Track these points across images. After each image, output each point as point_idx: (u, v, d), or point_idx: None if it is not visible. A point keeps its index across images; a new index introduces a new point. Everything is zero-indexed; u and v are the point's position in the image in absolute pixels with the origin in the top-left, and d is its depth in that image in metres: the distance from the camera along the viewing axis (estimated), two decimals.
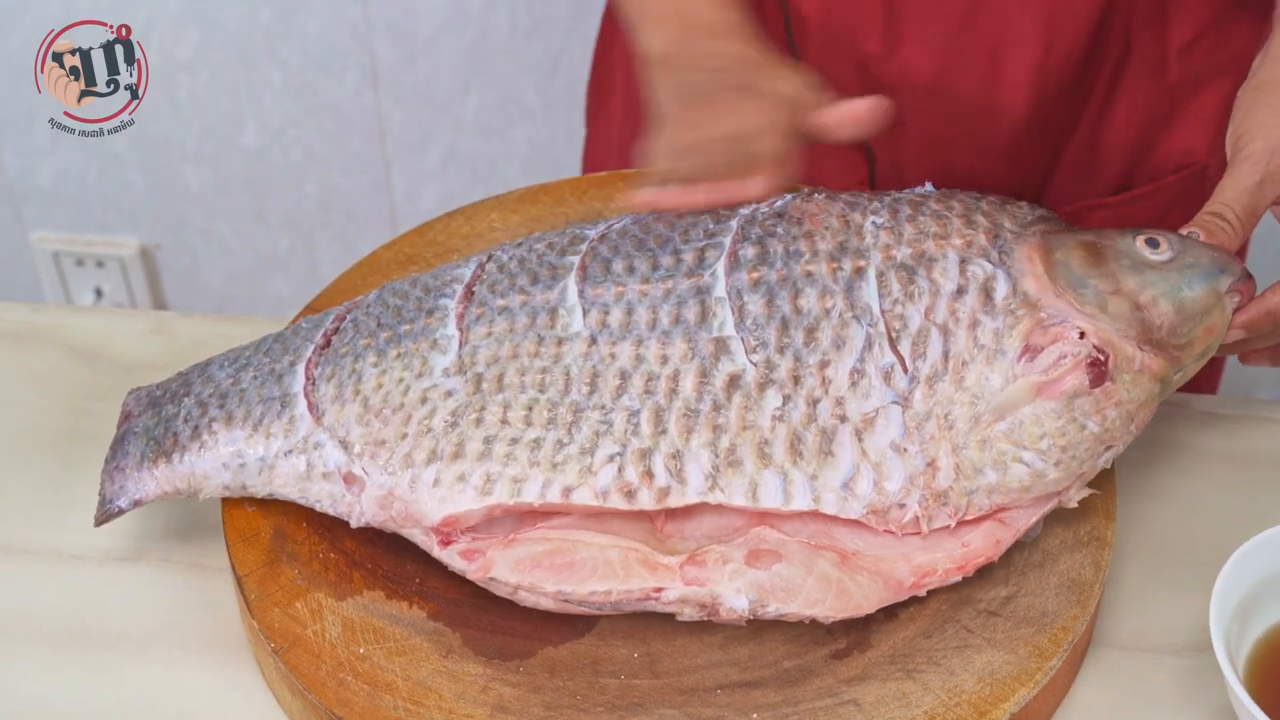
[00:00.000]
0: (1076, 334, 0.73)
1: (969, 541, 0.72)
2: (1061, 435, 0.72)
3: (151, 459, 0.77)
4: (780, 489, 0.72)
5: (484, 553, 0.73)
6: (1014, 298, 0.74)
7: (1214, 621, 0.69)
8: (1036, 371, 0.72)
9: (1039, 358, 0.73)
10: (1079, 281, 0.75)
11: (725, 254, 0.77)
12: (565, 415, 0.73)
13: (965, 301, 0.74)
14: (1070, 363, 0.72)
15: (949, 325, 0.74)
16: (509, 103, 1.59)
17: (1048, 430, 0.72)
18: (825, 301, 0.75)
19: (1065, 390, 0.72)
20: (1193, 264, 0.75)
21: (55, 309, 0.97)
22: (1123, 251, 0.76)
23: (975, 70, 0.92)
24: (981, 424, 0.72)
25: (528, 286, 0.78)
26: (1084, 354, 0.72)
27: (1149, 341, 0.74)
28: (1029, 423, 0.72)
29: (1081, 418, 0.72)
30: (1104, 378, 0.72)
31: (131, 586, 0.80)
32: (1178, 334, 0.74)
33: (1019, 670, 0.71)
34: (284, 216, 1.69)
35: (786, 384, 0.73)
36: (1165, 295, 0.74)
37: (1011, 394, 0.72)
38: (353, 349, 0.78)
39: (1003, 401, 0.72)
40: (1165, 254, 0.75)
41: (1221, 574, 0.71)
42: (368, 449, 0.74)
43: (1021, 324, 0.74)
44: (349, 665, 0.71)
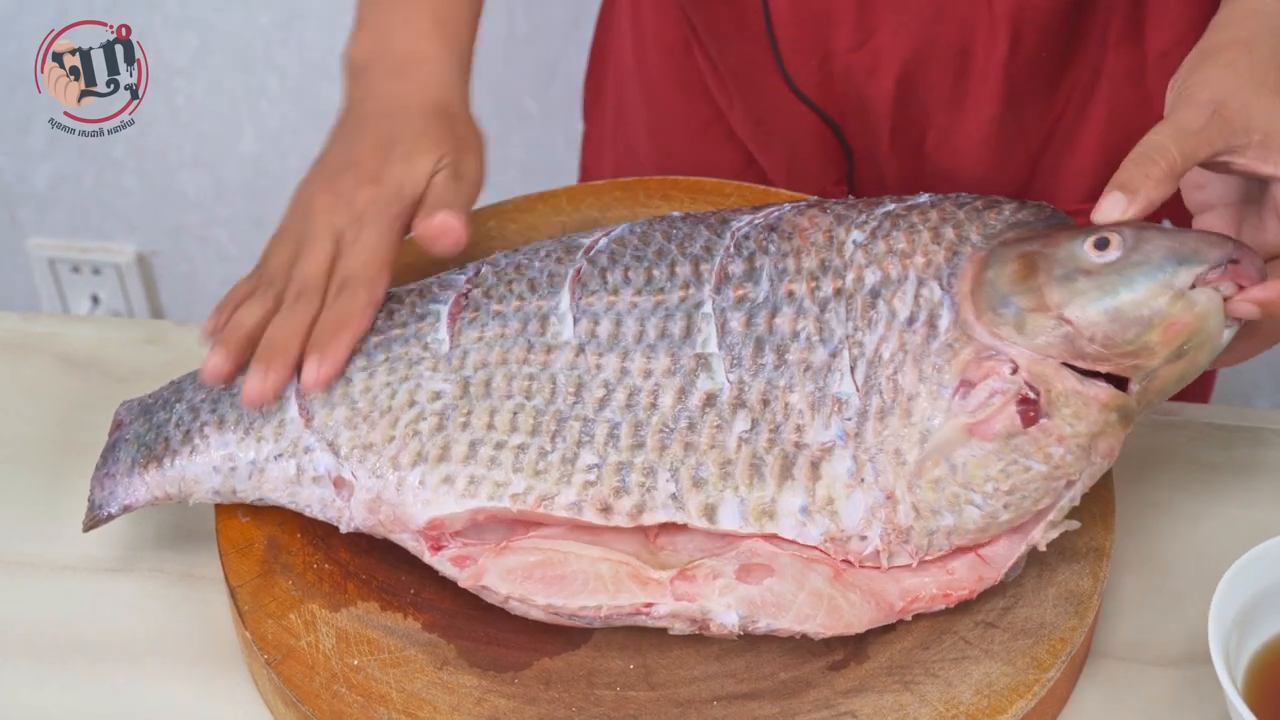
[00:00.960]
0: (1009, 368, 0.69)
1: (954, 570, 0.71)
2: (1005, 478, 0.68)
3: (142, 464, 0.77)
4: (737, 511, 0.70)
5: (475, 560, 0.72)
6: (954, 327, 0.70)
7: (1213, 633, 0.69)
8: (966, 411, 0.69)
9: (970, 395, 0.69)
10: (1001, 300, 0.69)
11: (716, 269, 0.76)
12: (549, 423, 0.73)
13: (915, 330, 0.71)
14: (999, 401, 0.68)
15: (898, 355, 0.71)
16: (506, 109, 1.58)
17: (990, 473, 0.68)
18: (797, 323, 0.73)
19: (998, 431, 0.68)
20: (1140, 261, 0.68)
21: (48, 318, 0.96)
22: (1060, 259, 0.70)
23: (945, 64, 0.91)
24: (926, 465, 0.69)
25: (524, 293, 0.78)
26: (1012, 391, 0.68)
27: (1083, 357, 0.68)
28: (972, 465, 0.68)
29: (1022, 459, 0.68)
30: (1037, 416, 0.68)
31: (123, 597, 0.79)
32: (1117, 343, 0.68)
33: (1017, 682, 0.70)
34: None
35: (756, 406, 0.72)
36: (1095, 303, 0.68)
37: (944, 435, 0.69)
38: None
39: (938, 443, 0.69)
40: (1112, 254, 0.69)
41: (1220, 585, 0.71)
42: (356, 452, 0.74)
43: (959, 356, 0.70)
44: (343, 677, 0.71)
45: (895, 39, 0.91)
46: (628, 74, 1.08)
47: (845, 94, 0.95)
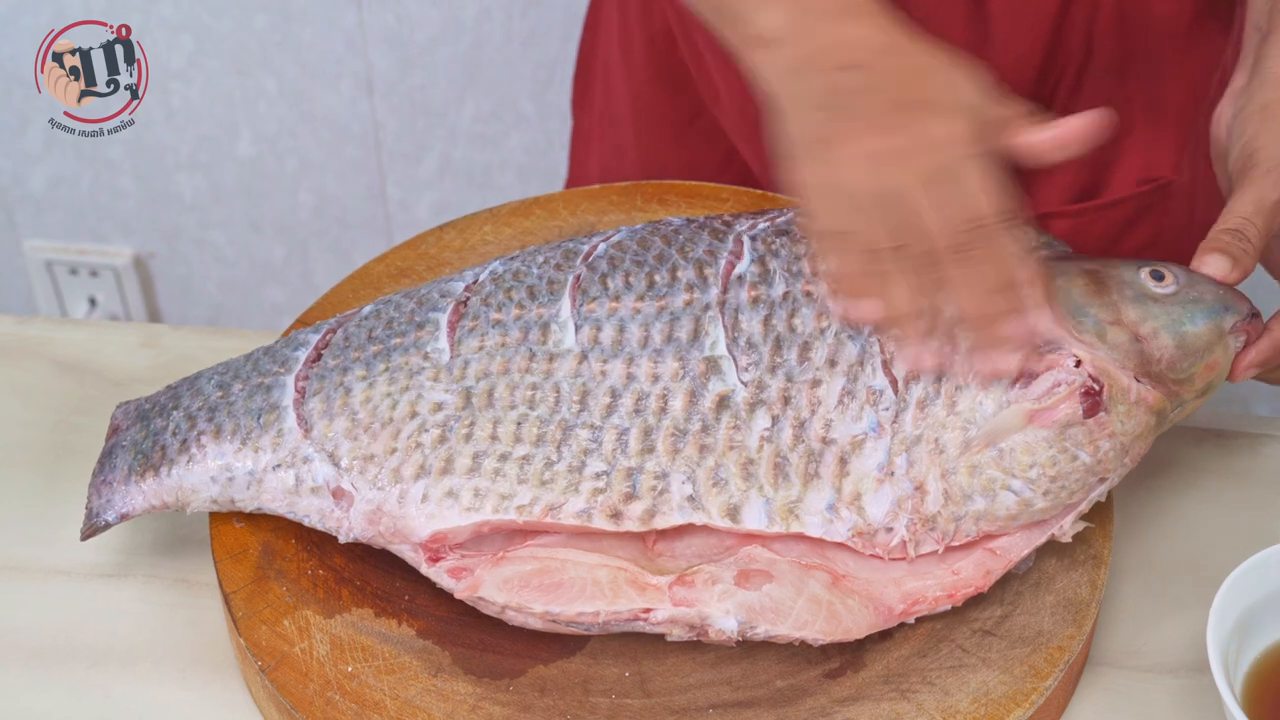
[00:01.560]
0: (1073, 362, 0.72)
1: (959, 570, 0.72)
2: (1052, 465, 0.71)
3: (139, 472, 0.76)
4: (764, 511, 0.71)
5: (472, 570, 0.72)
6: None
7: (1211, 641, 0.69)
8: (1030, 399, 0.71)
9: (1033, 385, 0.72)
10: (1079, 309, 0.73)
11: (722, 271, 0.76)
12: (554, 433, 0.73)
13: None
14: (1064, 391, 0.71)
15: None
16: (505, 111, 1.58)
17: (1038, 459, 0.71)
18: (821, 321, 0.74)
19: (1058, 419, 0.71)
20: (1197, 299, 0.74)
21: (43, 321, 0.96)
22: (1126, 282, 0.75)
23: None
24: (972, 450, 0.71)
25: (524, 300, 0.77)
26: (1079, 382, 0.71)
27: (1147, 374, 0.72)
28: (1019, 450, 0.71)
29: (1073, 448, 0.71)
30: (1098, 408, 0.71)
31: (118, 602, 0.79)
32: (1177, 368, 0.73)
33: (1014, 690, 0.70)
34: (279, 225, 1.68)
35: (775, 404, 0.72)
36: (1166, 328, 0.73)
37: (1003, 420, 0.71)
38: (342, 362, 0.77)
39: (994, 428, 0.71)
40: (1170, 287, 0.74)
41: (1219, 593, 0.71)
42: (356, 463, 0.74)
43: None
44: (337, 683, 0.71)
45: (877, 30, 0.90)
46: (614, 68, 1.08)
47: None
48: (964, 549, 0.72)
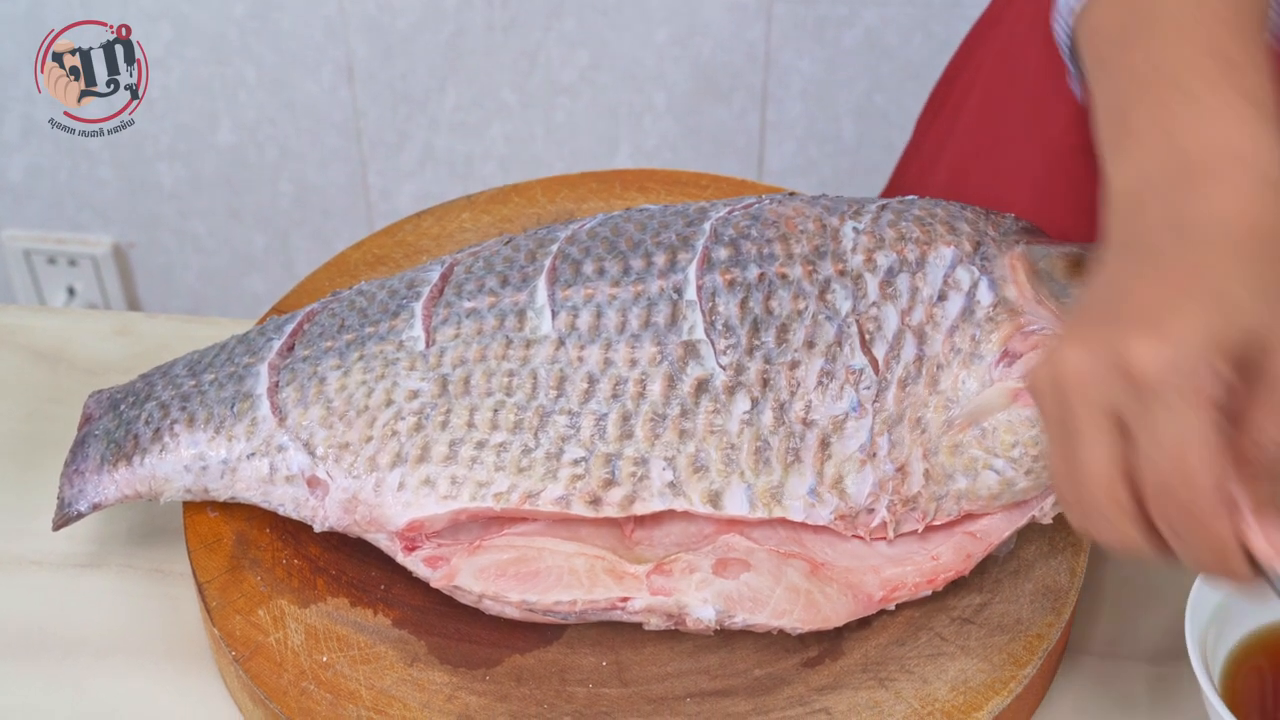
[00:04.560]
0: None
1: (939, 555, 0.71)
2: (1034, 444, 0.71)
3: (112, 462, 0.76)
4: (745, 496, 0.70)
5: (448, 560, 0.71)
6: (995, 304, 0.73)
7: (1189, 629, 0.69)
8: (1014, 377, 0.71)
9: (1017, 364, 0.72)
10: (1061, 290, 0.74)
11: (698, 256, 0.76)
12: (532, 419, 0.72)
13: (945, 306, 0.73)
14: None
15: (925, 329, 0.73)
16: (486, 100, 1.57)
17: (1021, 438, 0.71)
18: (799, 303, 0.74)
19: None
20: None
21: (16, 310, 0.95)
22: None
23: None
24: (954, 429, 0.71)
25: (497, 288, 0.77)
26: None
27: None
28: (1002, 429, 0.71)
29: None
30: None
31: (92, 593, 0.78)
32: None
33: (993, 678, 0.70)
34: (259, 214, 1.68)
35: (755, 387, 0.72)
36: None
37: (987, 399, 0.71)
38: (315, 350, 0.76)
39: (977, 406, 0.71)
40: None
41: (1197, 581, 0.70)
42: (331, 452, 0.73)
43: (1001, 329, 0.73)
44: (311, 673, 0.70)
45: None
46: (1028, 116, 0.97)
47: None
48: (944, 530, 0.72)
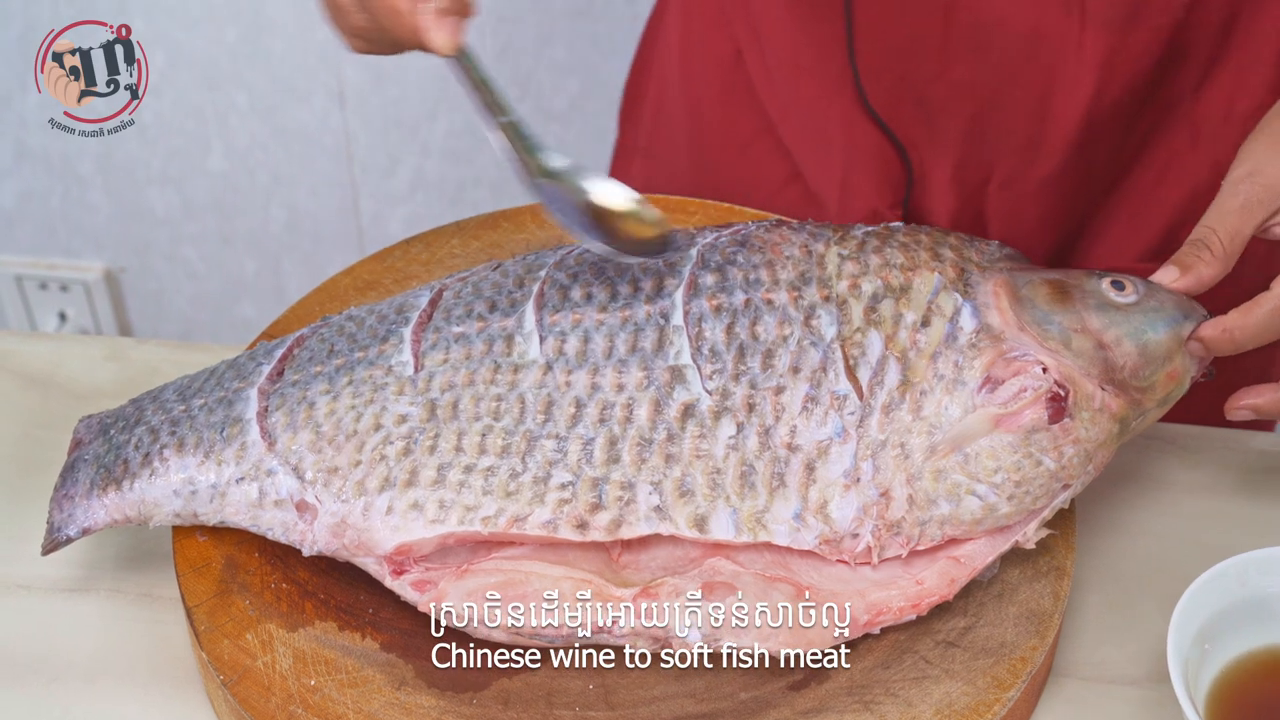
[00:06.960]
0: (1039, 368, 0.72)
1: (923, 579, 0.72)
2: (1017, 470, 0.71)
3: (101, 486, 0.76)
4: (731, 521, 0.71)
5: (436, 584, 0.72)
6: (978, 330, 0.74)
7: (1171, 652, 0.69)
8: (996, 403, 0.72)
9: (999, 390, 0.72)
10: (1044, 318, 0.75)
11: (684, 282, 0.76)
12: (520, 444, 0.73)
13: (928, 332, 0.74)
14: (1030, 396, 0.72)
15: (909, 354, 0.73)
16: (477, 126, 1.58)
17: (1003, 464, 0.72)
18: (784, 329, 0.74)
19: (1024, 424, 0.72)
20: (1157, 308, 0.75)
21: (7, 335, 0.96)
22: (1089, 291, 0.76)
23: (1024, 104, 0.90)
24: (937, 454, 0.72)
25: (485, 313, 0.77)
26: (1044, 388, 0.72)
27: (1111, 381, 0.73)
28: (984, 455, 0.72)
29: (1038, 453, 0.72)
30: (1063, 413, 0.72)
31: (81, 617, 0.79)
32: (1140, 376, 0.74)
33: (977, 701, 0.70)
34: (250, 240, 1.68)
35: (740, 411, 0.72)
36: (1129, 336, 0.74)
37: (969, 424, 0.72)
38: (305, 375, 0.77)
39: (960, 432, 0.72)
40: (1130, 296, 0.75)
41: (1179, 604, 0.71)
42: (320, 476, 0.74)
43: (984, 355, 0.73)
44: (299, 697, 0.70)
45: (976, 73, 0.90)
46: (670, 85, 1.07)
47: (915, 118, 0.94)
48: (929, 554, 0.72)
